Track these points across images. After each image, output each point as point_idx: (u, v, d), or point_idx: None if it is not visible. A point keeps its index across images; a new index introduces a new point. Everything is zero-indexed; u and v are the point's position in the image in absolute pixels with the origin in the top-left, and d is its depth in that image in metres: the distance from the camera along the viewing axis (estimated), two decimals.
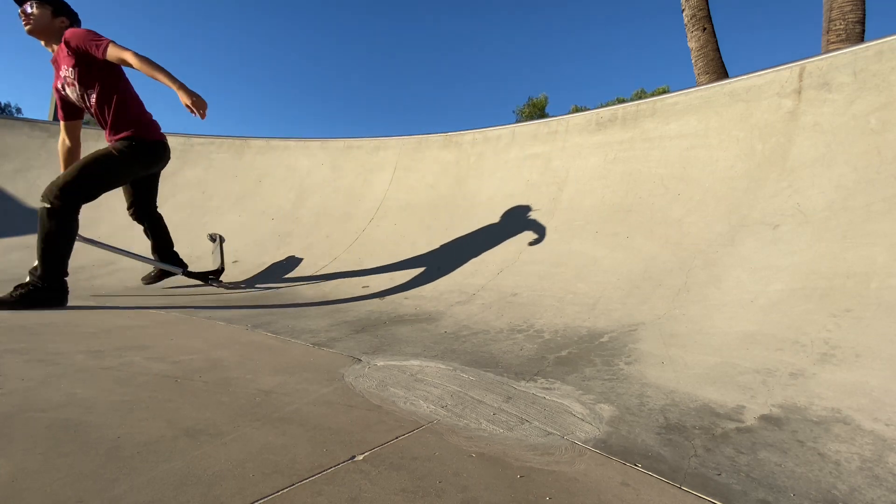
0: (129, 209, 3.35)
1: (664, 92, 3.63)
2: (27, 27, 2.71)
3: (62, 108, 2.91)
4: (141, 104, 3.01)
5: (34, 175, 5.81)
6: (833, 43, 5.26)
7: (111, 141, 2.89)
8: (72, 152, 3.03)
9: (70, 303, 2.75)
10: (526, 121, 4.41)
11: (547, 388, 1.49)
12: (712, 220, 2.63)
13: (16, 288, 2.55)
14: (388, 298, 2.93)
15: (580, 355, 1.80)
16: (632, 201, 3.10)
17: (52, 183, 2.62)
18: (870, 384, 1.36)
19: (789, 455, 1.07)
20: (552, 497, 0.89)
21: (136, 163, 2.90)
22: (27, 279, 2.60)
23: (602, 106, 3.74)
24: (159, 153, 3.04)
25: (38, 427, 1.07)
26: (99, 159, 2.76)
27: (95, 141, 6.24)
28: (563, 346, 1.91)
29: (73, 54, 2.65)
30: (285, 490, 0.86)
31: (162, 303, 2.93)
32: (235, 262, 4.21)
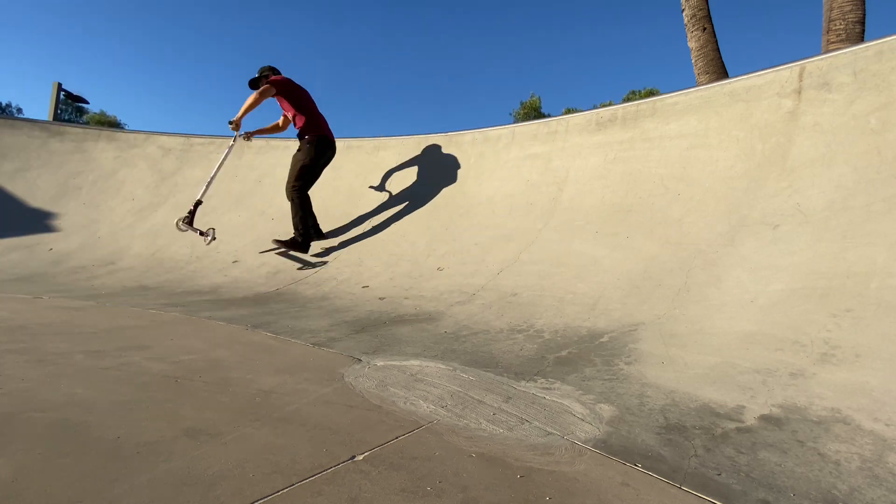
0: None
1: (651, 93, 3.63)
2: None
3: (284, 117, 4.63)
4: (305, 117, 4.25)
5: (34, 175, 5.81)
6: (833, 43, 5.26)
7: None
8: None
9: (70, 303, 2.75)
10: (528, 120, 4.41)
11: (547, 388, 1.49)
12: (712, 220, 2.63)
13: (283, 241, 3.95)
14: (388, 298, 2.93)
15: (580, 355, 1.80)
16: (632, 201, 3.10)
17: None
18: (870, 384, 1.36)
19: (789, 455, 1.07)
20: (552, 497, 0.89)
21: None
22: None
23: (579, 111, 3.74)
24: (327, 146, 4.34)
25: (38, 427, 1.07)
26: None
27: (95, 141, 6.25)
28: (563, 346, 1.91)
29: None
30: (285, 490, 0.86)
31: (162, 303, 2.93)
32: (235, 262, 4.21)
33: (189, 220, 4.15)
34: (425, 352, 1.88)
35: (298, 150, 4.21)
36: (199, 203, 4.19)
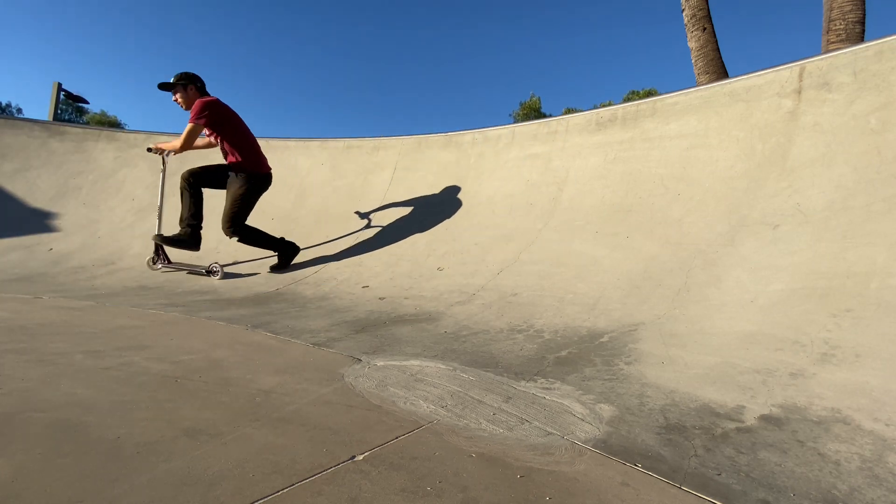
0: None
1: (650, 94, 3.64)
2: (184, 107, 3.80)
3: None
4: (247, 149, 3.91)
5: (34, 175, 5.81)
6: (833, 43, 5.26)
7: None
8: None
9: (70, 303, 2.75)
10: (528, 120, 4.42)
11: (547, 388, 1.49)
12: (712, 220, 2.63)
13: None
14: (388, 298, 2.93)
15: (580, 355, 1.80)
16: (632, 201, 3.10)
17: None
18: (870, 384, 1.36)
19: (789, 455, 1.07)
20: (552, 497, 0.89)
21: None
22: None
23: (600, 106, 3.75)
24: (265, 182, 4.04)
25: (38, 427, 1.07)
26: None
27: (95, 141, 6.24)
28: (563, 346, 1.91)
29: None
30: (285, 490, 0.86)
31: (162, 303, 2.93)
32: (235, 262, 4.21)
33: (162, 258, 3.98)
34: (425, 352, 1.88)
35: (234, 185, 3.79)
36: (161, 238, 3.85)
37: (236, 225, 3.75)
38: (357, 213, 4.57)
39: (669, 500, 0.90)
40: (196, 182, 3.78)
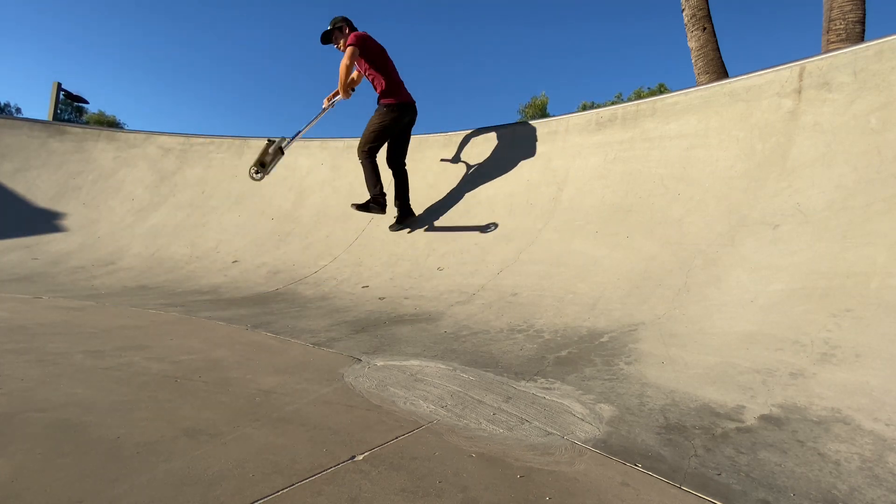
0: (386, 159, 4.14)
1: (662, 89, 3.64)
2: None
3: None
4: (386, 81, 3.90)
5: (34, 175, 5.81)
6: (833, 43, 5.26)
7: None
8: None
9: (70, 303, 2.75)
10: (528, 120, 4.41)
11: (547, 388, 1.49)
12: (712, 220, 2.63)
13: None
14: (388, 298, 2.93)
15: (580, 355, 1.80)
16: (632, 201, 3.10)
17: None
18: (870, 384, 1.36)
19: (789, 455, 1.07)
20: (552, 497, 0.89)
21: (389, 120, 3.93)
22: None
23: (597, 105, 3.74)
24: (403, 112, 3.97)
25: (38, 427, 1.07)
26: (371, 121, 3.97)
27: (94, 141, 6.25)
28: (563, 346, 1.91)
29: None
30: (285, 490, 0.86)
31: (162, 303, 2.93)
32: (235, 262, 4.21)
33: (264, 161, 4.05)
34: (425, 352, 1.88)
35: (376, 113, 3.94)
36: (272, 143, 4.04)
37: (364, 151, 3.93)
38: (357, 212, 4.57)
39: (669, 500, 0.90)
40: (372, 152, 3.97)
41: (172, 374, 1.49)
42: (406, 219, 4.02)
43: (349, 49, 3.66)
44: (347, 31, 3.92)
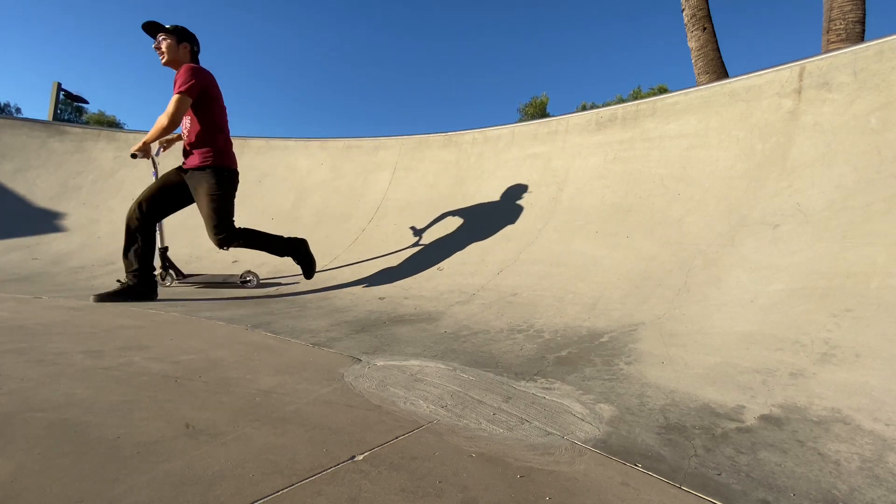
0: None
1: (663, 90, 3.63)
2: (162, 60, 3.06)
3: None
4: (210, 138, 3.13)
5: (33, 175, 5.81)
6: (833, 43, 5.26)
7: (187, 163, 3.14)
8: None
9: (70, 303, 2.75)
10: (528, 119, 4.42)
11: (547, 388, 1.49)
12: (712, 220, 2.63)
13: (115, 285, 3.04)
14: (388, 298, 2.93)
15: (580, 355, 1.80)
16: (632, 201, 3.10)
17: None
18: (870, 384, 1.36)
19: (789, 455, 1.07)
20: (552, 497, 0.89)
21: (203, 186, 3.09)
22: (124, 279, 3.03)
23: (596, 106, 3.74)
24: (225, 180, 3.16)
25: (38, 427, 1.07)
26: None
27: (94, 141, 6.25)
28: (563, 346, 1.91)
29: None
30: (285, 490, 0.86)
31: (162, 303, 2.93)
32: (235, 262, 4.20)
33: (172, 272, 3.57)
34: (425, 352, 1.88)
35: (203, 185, 3.01)
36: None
37: (226, 229, 3.01)
38: (357, 213, 4.57)
39: (669, 500, 0.90)
40: (151, 212, 3.02)
41: (172, 374, 1.49)
42: (129, 295, 2.95)
43: (181, 98, 2.85)
44: (182, 47, 3.03)
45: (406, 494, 0.87)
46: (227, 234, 3.02)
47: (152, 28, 3.02)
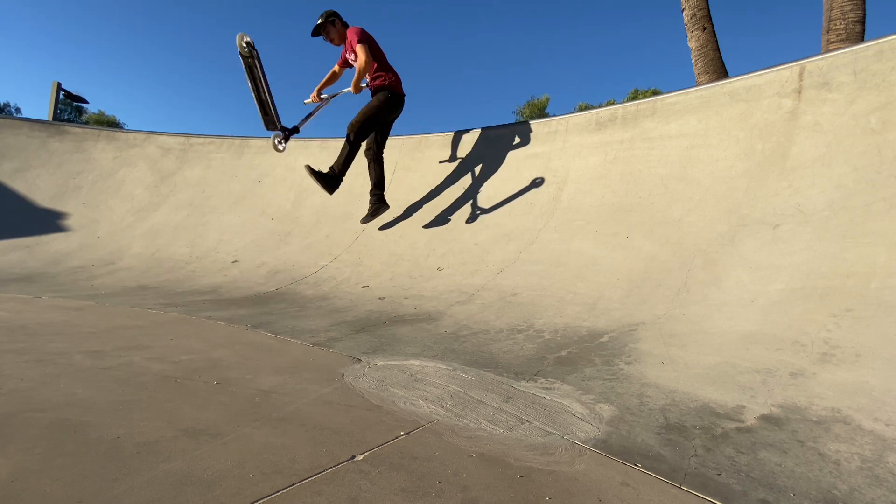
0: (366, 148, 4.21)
1: (655, 93, 3.64)
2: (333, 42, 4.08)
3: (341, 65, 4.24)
4: (391, 72, 4.07)
5: (33, 175, 5.81)
6: (833, 43, 5.26)
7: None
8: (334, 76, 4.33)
9: (70, 303, 2.75)
10: (528, 120, 4.42)
11: (547, 388, 1.49)
12: (712, 219, 2.63)
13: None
14: (388, 298, 2.93)
15: (580, 355, 1.80)
16: (632, 201, 3.10)
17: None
18: (870, 384, 1.36)
19: (789, 455, 1.07)
20: (552, 497, 0.89)
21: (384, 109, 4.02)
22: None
23: (591, 107, 3.74)
24: (400, 104, 4.14)
25: (38, 427, 1.06)
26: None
27: (94, 141, 6.25)
28: (563, 346, 1.91)
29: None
30: (285, 490, 0.86)
31: (162, 303, 2.93)
32: (235, 262, 4.20)
33: (285, 136, 4.08)
34: (425, 352, 1.88)
35: (376, 98, 3.99)
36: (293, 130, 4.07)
37: (356, 130, 3.93)
38: (357, 213, 4.57)
39: (669, 500, 0.90)
40: (363, 132, 3.99)
41: (172, 374, 1.49)
42: (380, 209, 4.07)
43: (363, 46, 3.77)
44: (340, 24, 4.01)
45: (406, 494, 0.87)
46: (353, 133, 3.91)
47: (317, 31, 4.03)
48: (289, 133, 4.09)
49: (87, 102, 15.23)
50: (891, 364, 1.43)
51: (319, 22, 4.00)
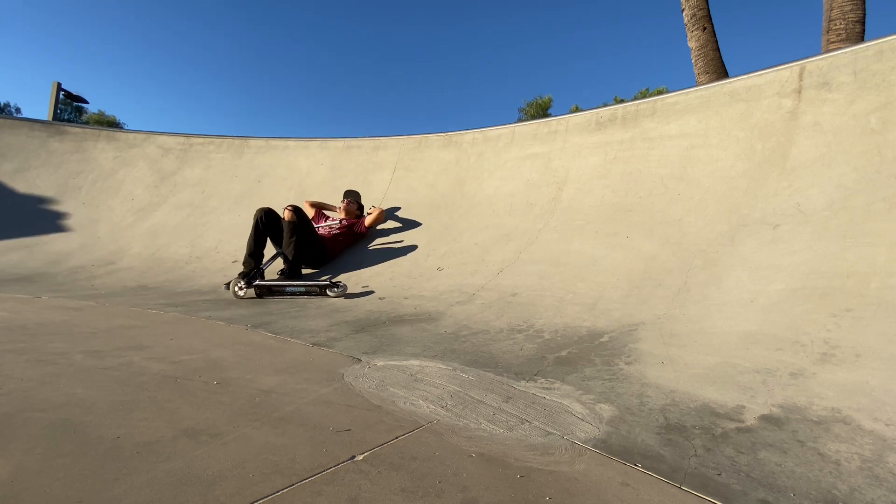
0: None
1: (661, 93, 3.63)
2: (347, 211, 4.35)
3: (315, 219, 4.36)
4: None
5: (33, 175, 5.81)
6: (833, 43, 5.26)
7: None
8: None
9: (70, 303, 2.75)
10: (529, 119, 4.42)
11: (547, 388, 1.49)
12: (712, 219, 2.63)
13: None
14: (388, 298, 2.93)
15: (580, 355, 1.80)
16: (632, 201, 3.10)
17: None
18: (870, 384, 1.36)
19: (789, 455, 1.07)
20: (552, 497, 0.89)
21: None
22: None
23: (599, 106, 3.74)
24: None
25: (38, 427, 1.06)
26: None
27: (94, 141, 6.24)
28: (563, 346, 1.91)
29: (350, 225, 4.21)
30: (285, 490, 0.86)
31: (162, 303, 2.93)
32: (235, 262, 4.20)
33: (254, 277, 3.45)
34: (425, 352, 1.88)
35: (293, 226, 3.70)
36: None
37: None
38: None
39: (669, 500, 0.90)
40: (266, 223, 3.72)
41: (172, 374, 1.49)
42: (237, 283, 3.35)
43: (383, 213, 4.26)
44: (357, 207, 4.38)
45: (406, 494, 0.87)
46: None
47: (349, 193, 4.51)
48: (255, 279, 3.46)
49: (87, 102, 15.21)
50: (891, 364, 1.43)
51: (354, 190, 4.56)
